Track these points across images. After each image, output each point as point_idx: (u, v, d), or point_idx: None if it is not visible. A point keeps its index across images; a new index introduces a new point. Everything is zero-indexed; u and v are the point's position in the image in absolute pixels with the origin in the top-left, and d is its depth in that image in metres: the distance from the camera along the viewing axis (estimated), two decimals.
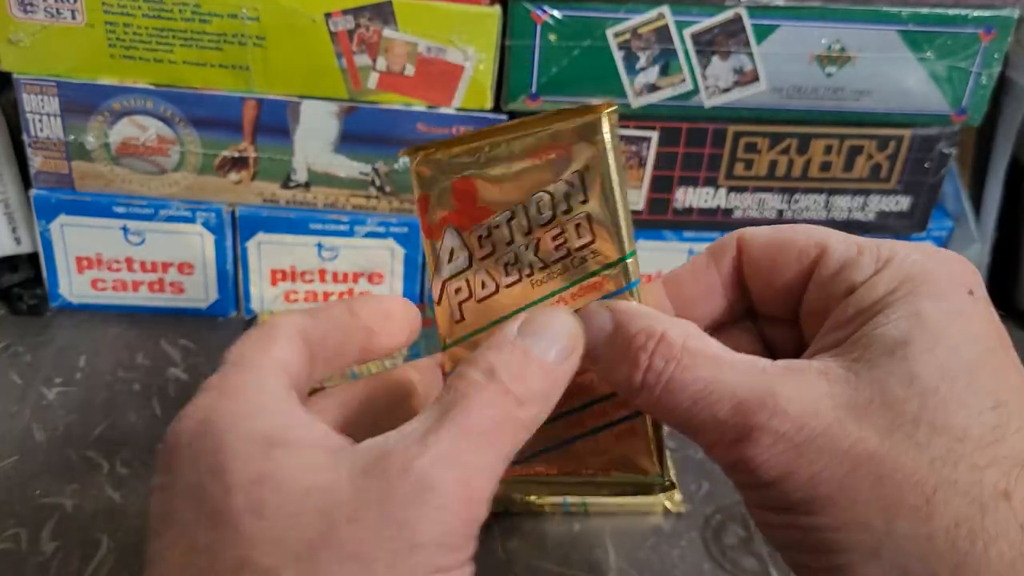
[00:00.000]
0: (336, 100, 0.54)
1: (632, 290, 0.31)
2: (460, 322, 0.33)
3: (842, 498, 0.26)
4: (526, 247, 0.32)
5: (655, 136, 0.56)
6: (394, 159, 0.56)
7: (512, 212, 0.32)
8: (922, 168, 0.59)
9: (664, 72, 0.54)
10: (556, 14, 0.52)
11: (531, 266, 0.32)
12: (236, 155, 0.56)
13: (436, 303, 0.33)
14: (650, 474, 0.32)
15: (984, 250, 0.65)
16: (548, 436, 0.31)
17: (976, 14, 0.54)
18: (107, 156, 0.55)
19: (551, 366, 0.28)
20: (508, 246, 0.32)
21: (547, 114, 0.32)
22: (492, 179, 0.32)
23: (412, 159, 0.33)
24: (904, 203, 0.60)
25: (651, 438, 0.32)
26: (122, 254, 0.58)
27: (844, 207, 0.60)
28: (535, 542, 0.47)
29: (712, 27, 0.53)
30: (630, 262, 0.31)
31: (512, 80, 0.54)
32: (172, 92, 0.53)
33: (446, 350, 0.33)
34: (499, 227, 0.32)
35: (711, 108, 0.55)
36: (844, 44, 0.54)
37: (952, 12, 0.54)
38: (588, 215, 0.32)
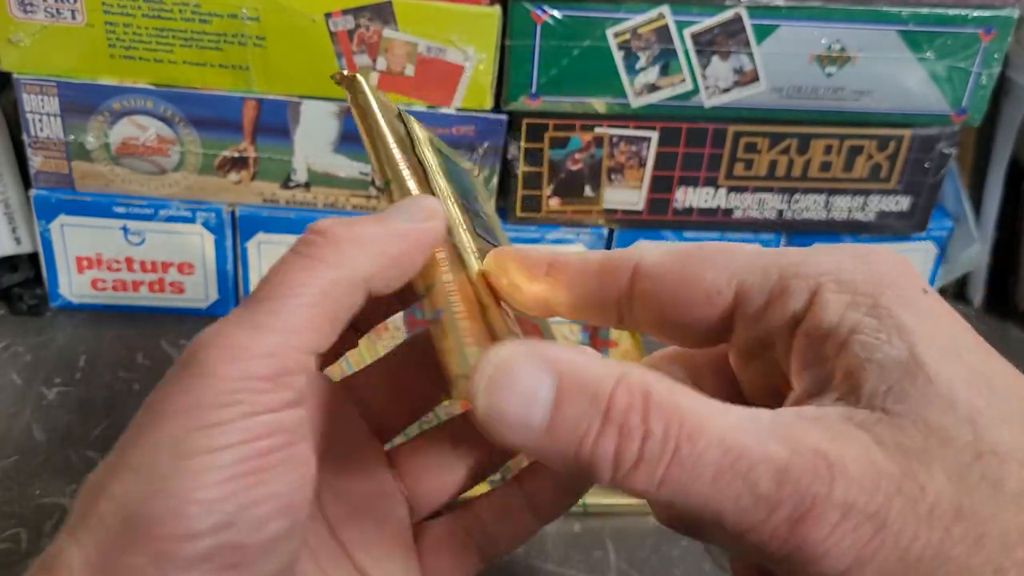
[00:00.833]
0: (336, 100, 0.54)
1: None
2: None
3: (947, 570, 0.21)
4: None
5: (655, 136, 0.56)
6: None
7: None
8: (922, 168, 0.59)
9: (664, 72, 0.54)
10: (556, 14, 0.52)
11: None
12: (236, 155, 0.56)
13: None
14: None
15: (984, 250, 0.65)
16: None
17: (976, 14, 0.54)
18: (107, 156, 0.55)
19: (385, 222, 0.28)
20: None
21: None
22: None
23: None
24: (904, 203, 0.60)
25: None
26: (122, 254, 0.58)
27: (844, 207, 0.60)
28: (535, 542, 0.47)
29: (712, 27, 0.53)
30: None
31: (512, 80, 0.54)
32: (172, 92, 0.53)
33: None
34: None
35: (711, 108, 0.55)
36: (844, 44, 0.54)
37: (952, 12, 0.54)
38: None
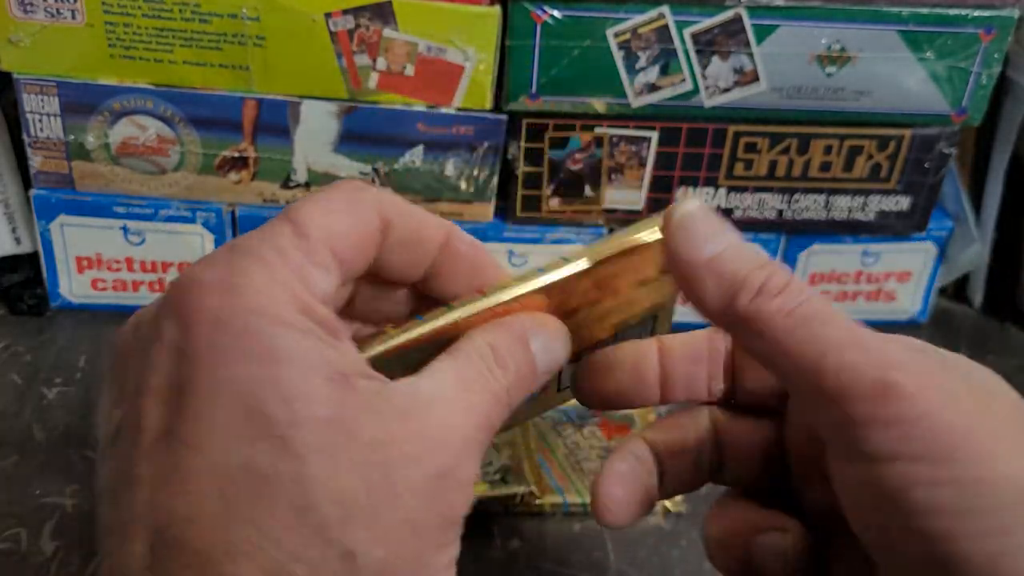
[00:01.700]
0: (336, 100, 0.54)
1: None
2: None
3: (1001, 453, 0.24)
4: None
5: (655, 136, 0.56)
6: (394, 159, 0.56)
7: None
8: (922, 168, 0.59)
9: (664, 72, 0.54)
10: (556, 14, 0.52)
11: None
12: (236, 155, 0.56)
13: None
14: None
15: (984, 250, 0.65)
16: None
17: (976, 14, 0.54)
18: (107, 156, 0.55)
19: (537, 367, 0.30)
20: None
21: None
22: None
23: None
24: (904, 203, 0.60)
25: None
26: (122, 254, 0.58)
27: (844, 207, 0.60)
28: (535, 542, 0.47)
29: (712, 27, 0.53)
30: None
31: (512, 80, 0.54)
32: (172, 92, 0.53)
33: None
34: None
35: (711, 108, 0.55)
36: (844, 44, 0.54)
37: (952, 12, 0.54)
38: None
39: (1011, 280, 0.67)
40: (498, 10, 0.52)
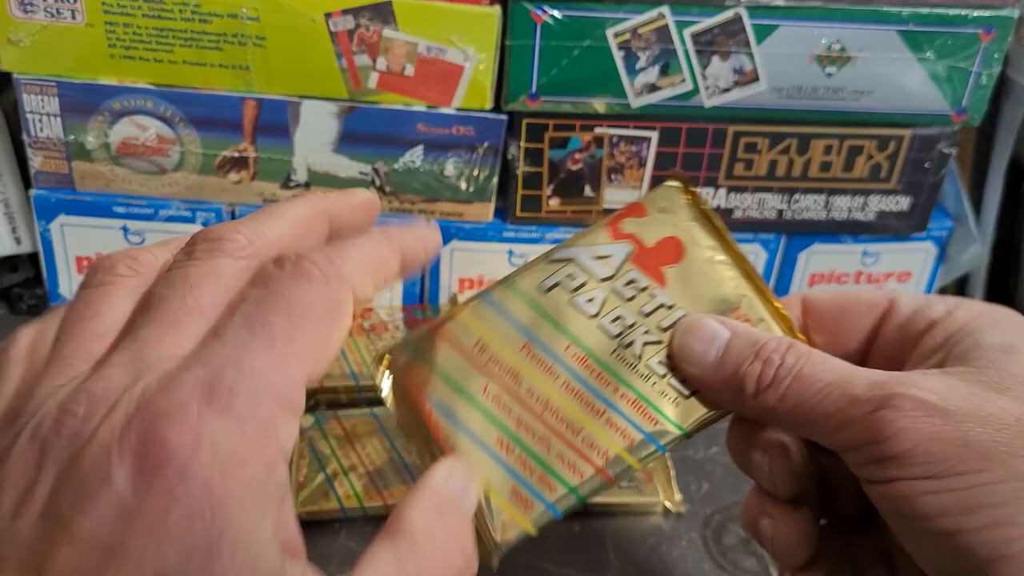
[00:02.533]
0: (336, 100, 0.54)
1: (661, 453, 0.32)
2: (541, 292, 0.35)
3: (998, 455, 0.26)
4: (646, 331, 0.33)
5: (655, 136, 0.56)
6: (394, 159, 0.56)
7: (673, 303, 0.33)
8: (922, 168, 0.59)
9: (664, 72, 0.54)
10: (556, 14, 0.52)
11: (632, 344, 0.32)
12: (236, 155, 0.56)
13: (546, 260, 0.35)
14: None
15: (984, 250, 0.65)
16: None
17: (976, 14, 0.54)
18: (107, 156, 0.55)
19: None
20: (638, 315, 0.33)
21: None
22: (694, 270, 0.34)
23: (677, 185, 0.35)
24: (904, 203, 0.60)
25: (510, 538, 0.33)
26: None
27: (844, 207, 0.60)
28: (535, 542, 0.47)
29: (712, 27, 0.53)
30: (678, 438, 0.32)
31: (512, 80, 0.54)
32: (172, 92, 0.53)
33: (506, 285, 0.34)
34: (654, 298, 0.33)
35: (711, 108, 0.55)
36: (844, 44, 0.54)
37: (952, 12, 0.54)
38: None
39: (1011, 280, 0.67)
40: (498, 10, 0.52)
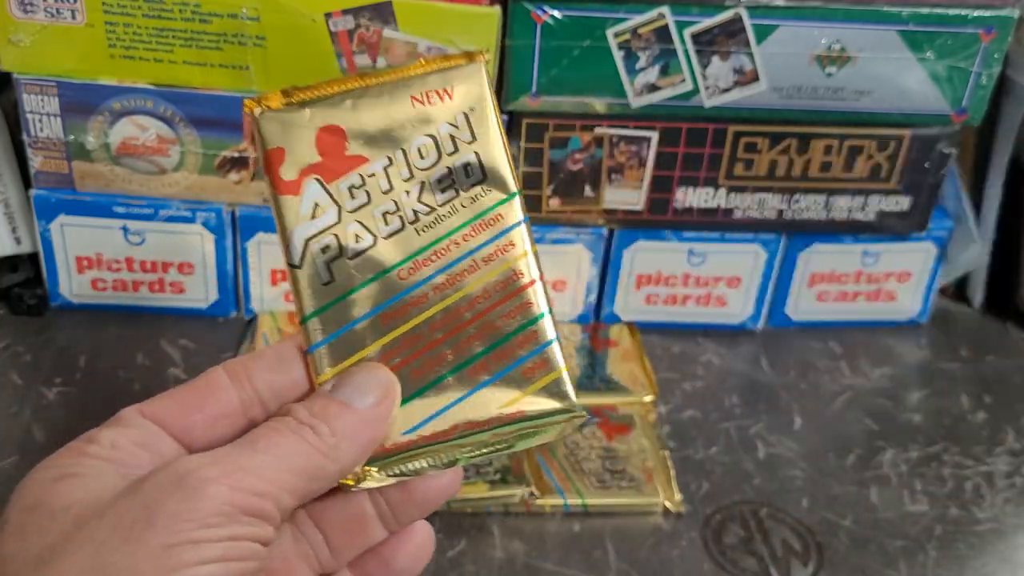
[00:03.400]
0: None
1: (524, 224, 0.32)
2: (328, 285, 0.31)
3: None
4: (408, 193, 0.31)
5: (655, 136, 0.56)
6: None
7: (389, 159, 0.31)
8: (922, 168, 0.59)
9: (664, 72, 0.54)
10: (556, 14, 0.52)
11: (415, 212, 0.31)
12: (236, 155, 0.55)
13: (295, 266, 0.31)
14: (563, 404, 0.31)
15: (984, 250, 0.65)
16: (449, 389, 0.31)
17: (976, 14, 0.54)
18: (107, 156, 0.55)
19: (358, 409, 0.29)
20: (386, 194, 0.31)
21: (414, 63, 0.32)
22: (363, 126, 0.31)
23: (258, 108, 0.31)
24: (904, 203, 0.60)
25: (564, 367, 0.31)
26: (122, 254, 0.58)
27: (844, 207, 0.60)
28: (535, 542, 0.47)
29: (712, 27, 0.53)
30: (518, 199, 0.32)
31: (512, 80, 0.54)
32: (172, 92, 0.53)
33: (308, 322, 0.31)
34: (374, 175, 0.31)
35: (711, 108, 0.55)
36: (844, 44, 0.54)
37: (952, 12, 0.54)
38: (477, 154, 0.32)
39: (1011, 280, 0.67)
40: (498, 10, 0.52)
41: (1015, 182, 0.63)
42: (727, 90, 0.55)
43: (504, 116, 0.55)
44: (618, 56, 0.53)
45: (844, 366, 0.62)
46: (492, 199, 0.32)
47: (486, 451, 0.31)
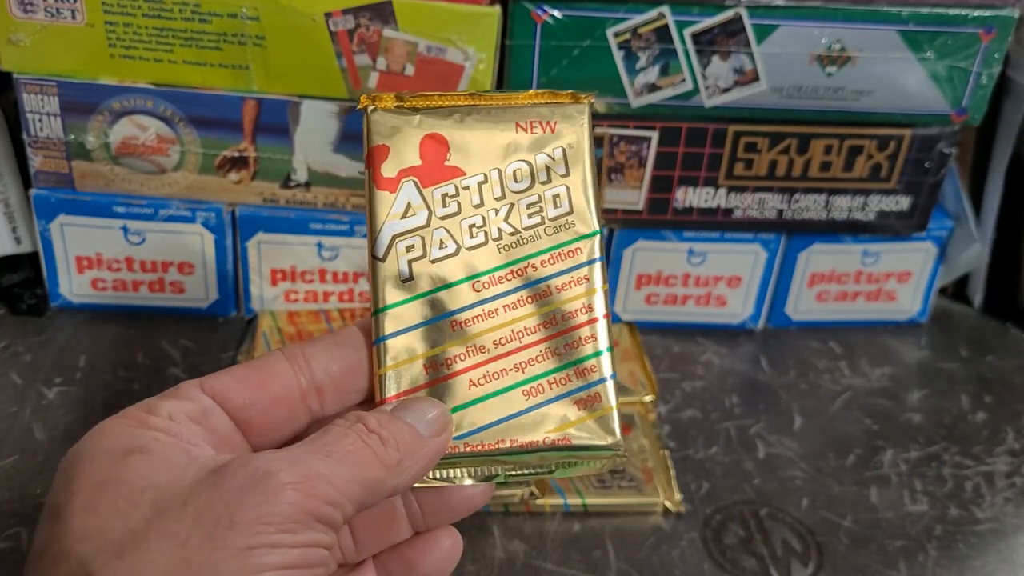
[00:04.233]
0: (336, 100, 0.54)
1: (600, 263, 0.33)
2: (407, 281, 0.32)
3: None
4: (497, 211, 0.32)
5: (655, 136, 0.56)
6: None
7: (485, 176, 0.33)
8: (922, 168, 0.59)
9: (664, 72, 0.54)
10: (556, 14, 0.52)
11: (500, 231, 0.32)
12: (236, 155, 0.55)
13: (379, 259, 0.32)
14: (609, 441, 0.32)
15: (984, 250, 0.65)
16: (502, 404, 0.32)
17: (976, 14, 0.54)
18: (107, 156, 0.55)
19: (419, 433, 0.30)
20: (476, 208, 0.32)
21: (524, 93, 0.33)
22: (466, 140, 0.33)
23: (371, 106, 0.33)
24: (904, 203, 0.60)
25: (615, 406, 0.32)
26: (122, 254, 0.58)
27: (844, 207, 0.60)
28: (535, 542, 0.47)
29: (712, 27, 0.53)
30: (599, 238, 0.33)
31: (512, 80, 0.54)
32: (172, 92, 0.53)
33: (381, 313, 0.32)
34: (468, 188, 0.32)
35: (711, 108, 0.55)
36: (844, 44, 0.54)
37: (952, 12, 0.54)
38: (568, 188, 0.33)
39: (1011, 280, 0.67)
40: (498, 10, 0.52)
41: (1015, 182, 0.63)
42: (727, 90, 0.55)
43: None
44: (618, 56, 0.53)
45: (844, 366, 0.62)
46: (574, 233, 0.33)
47: (526, 472, 0.32)
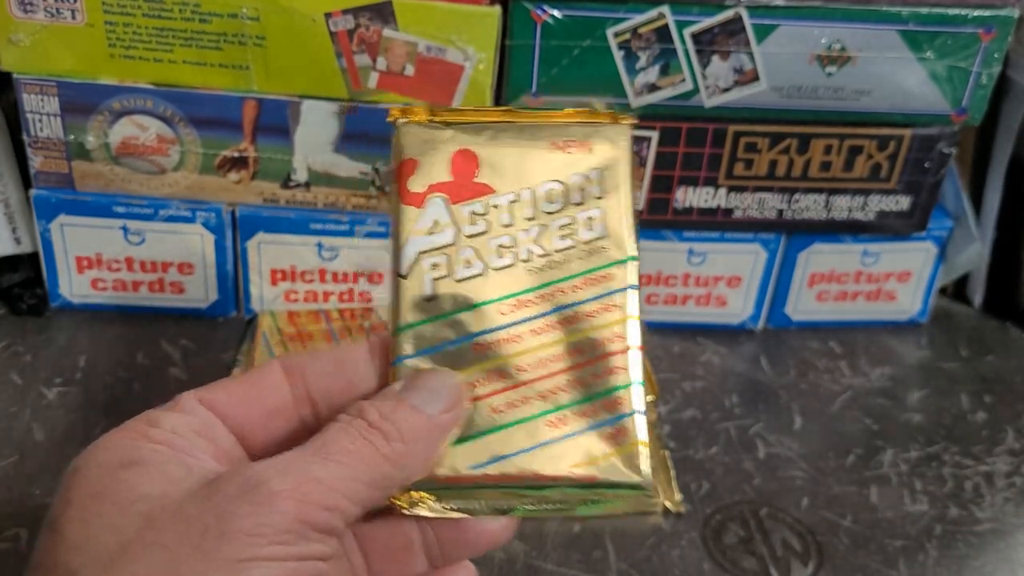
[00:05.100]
0: (336, 100, 0.54)
1: (634, 290, 0.31)
2: (430, 300, 0.31)
3: None
4: (527, 231, 0.31)
5: (655, 136, 0.56)
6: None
7: (516, 195, 0.31)
8: (922, 168, 0.59)
9: (664, 72, 0.54)
10: (556, 14, 0.52)
11: (530, 252, 0.31)
12: (236, 155, 0.56)
13: (402, 276, 0.31)
14: (636, 479, 0.30)
15: (984, 250, 0.65)
16: (525, 434, 0.30)
17: (976, 14, 0.54)
18: (107, 156, 0.55)
19: (426, 416, 0.29)
20: (505, 228, 0.31)
21: (560, 111, 0.32)
22: (497, 158, 0.31)
23: (402, 119, 0.32)
24: (904, 203, 0.60)
25: (645, 442, 0.30)
26: (122, 254, 0.58)
27: (844, 207, 0.60)
28: (535, 542, 0.47)
29: (712, 27, 0.53)
30: (634, 264, 0.32)
31: (512, 80, 0.54)
32: (172, 92, 0.53)
33: (401, 333, 0.30)
34: (498, 207, 0.31)
35: (711, 108, 0.55)
36: (844, 44, 0.54)
37: (952, 12, 0.54)
38: (603, 211, 0.31)
39: (1011, 280, 0.67)
40: (498, 10, 0.52)
41: (1015, 182, 0.63)
42: (727, 90, 0.55)
43: None
44: (618, 56, 0.53)
45: (844, 366, 0.62)
46: (608, 258, 0.31)
47: (546, 508, 0.31)
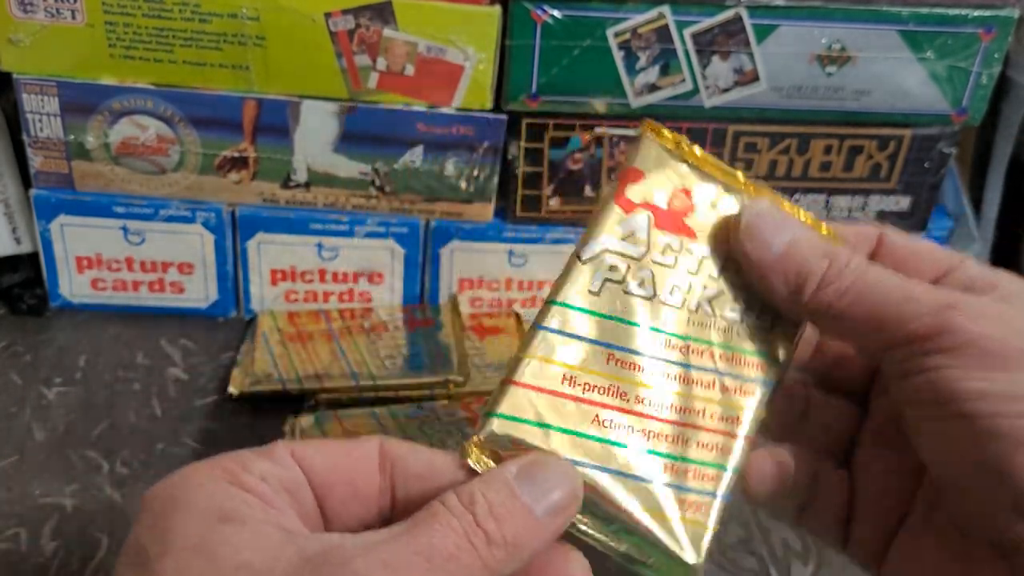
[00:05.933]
0: (336, 100, 0.54)
1: (772, 388, 0.32)
2: (592, 295, 0.31)
3: None
4: (705, 287, 0.31)
5: None
6: (394, 159, 0.56)
7: (711, 252, 0.32)
8: (922, 168, 0.59)
9: (664, 72, 0.54)
10: (556, 14, 0.52)
11: (698, 305, 0.31)
12: (236, 155, 0.56)
13: (581, 259, 0.31)
14: (690, 556, 0.30)
15: (984, 250, 0.65)
16: (608, 457, 0.30)
17: (976, 14, 0.54)
18: (107, 156, 0.55)
19: (536, 518, 0.28)
20: (688, 274, 0.31)
21: (794, 206, 0.33)
22: (712, 216, 0.32)
23: (651, 132, 0.33)
24: (904, 203, 0.60)
25: (716, 528, 0.30)
26: (122, 254, 0.58)
27: (844, 207, 0.60)
28: None
29: (712, 27, 0.53)
30: (779, 369, 0.32)
31: (512, 80, 0.54)
32: (172, 92, 0.53)
33: (554, 306, 0.31)
34: (691, 253, 0.32)
35: (711, 108, 0.55)
36: (844, 44, 0.54)
37: (952, 12, 0.54)
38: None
39: None
40: (498, 10, 0.52)
41: (1015, 182, 0.63)
42: (727, 90, 0.55)
43: (504, 116, 0.55)
44: (618, 56, 0.53)
45: None
46: (762, 348, 0.32)
47: (597, 536, 0.30)
